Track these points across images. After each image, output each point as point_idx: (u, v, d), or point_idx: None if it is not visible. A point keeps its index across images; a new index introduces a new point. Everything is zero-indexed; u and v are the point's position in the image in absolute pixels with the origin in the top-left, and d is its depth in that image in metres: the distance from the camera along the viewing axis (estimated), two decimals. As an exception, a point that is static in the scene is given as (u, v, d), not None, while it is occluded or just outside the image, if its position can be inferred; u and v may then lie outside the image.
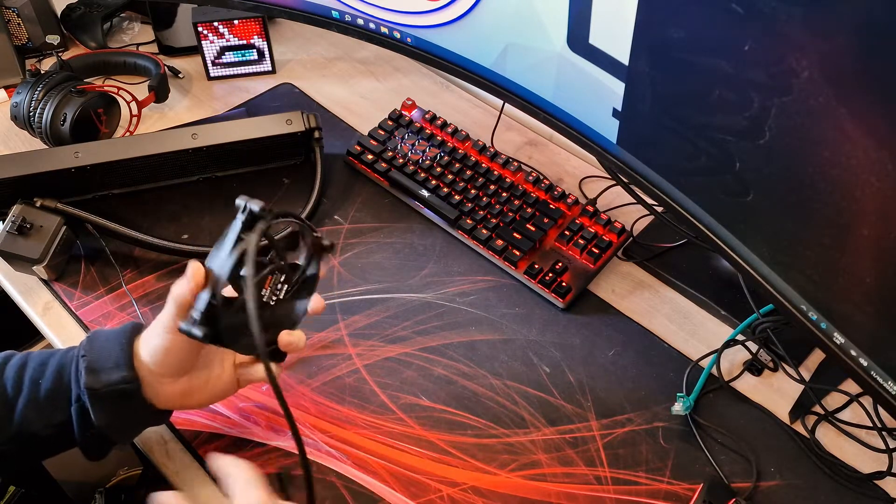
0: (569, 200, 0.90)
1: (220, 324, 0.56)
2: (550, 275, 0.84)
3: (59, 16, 1.13)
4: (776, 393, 0.77)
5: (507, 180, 0.92)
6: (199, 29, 1.04)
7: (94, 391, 0.59)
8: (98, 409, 0.59)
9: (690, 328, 0.82)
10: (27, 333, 1.35)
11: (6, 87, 1.06)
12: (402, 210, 0.92)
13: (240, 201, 0.56)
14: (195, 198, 0.92)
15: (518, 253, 0.85)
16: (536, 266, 0.84)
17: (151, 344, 0.60)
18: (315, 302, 0.63)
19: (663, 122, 0.69)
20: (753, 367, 0.78)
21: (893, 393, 0.61)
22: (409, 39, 0.91)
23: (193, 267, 0.57)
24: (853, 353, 0.62)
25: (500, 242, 0.86)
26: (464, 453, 0.71)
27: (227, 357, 0.65)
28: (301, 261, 0.62)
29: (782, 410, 0.75)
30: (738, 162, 0.62)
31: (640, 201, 0.86)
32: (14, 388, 0.61)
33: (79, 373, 0.60)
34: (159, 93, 1.02)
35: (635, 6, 0.63)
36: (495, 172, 0.92)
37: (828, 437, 0.73)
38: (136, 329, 0.63)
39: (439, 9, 0.84)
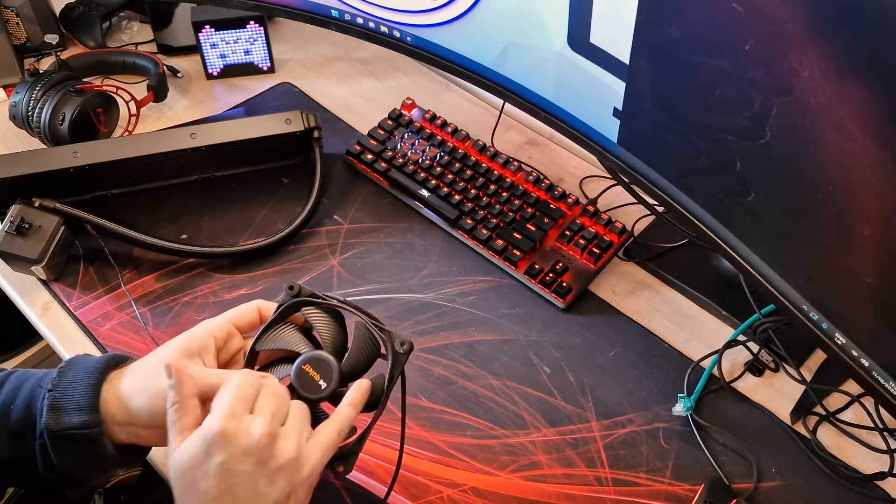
0: (569, 200, 0.90)
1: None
2: (551, 275, 0.83)
3: (57, 15, 1.12)
4: (777, 393, 0.77)
5: (508, 180, 0.91)
6: (198, 28, 1.04)
7: (52, 433, 0.54)
8: (57, 451, 0.55)
9: (691, 328, 0.82)
10: (26, 334, 1.35)
11: (5, 87, 1.05)
12: (401, 210, 0.92)
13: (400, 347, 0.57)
14: (194, 197, 0.92)
15: (518, 253, 0.85)
16: (537, 266, 0.84)
17: (148, 401, 0.55)
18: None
19: (664, 122, 0.68)
20: (754, 367, 0.78)
21: (895, 393, 0.60)
22: (408, 38, 0.91)
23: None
24: (854, 353, 0.62)
25: (500, 242, 0.86)
26: (464, 454, 0.71)
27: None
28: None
29: (783, 411, 0.75)
30: (738, 162, 0.62)
31: (640, 201, 0.86)
32: None
33: (43, 408, 0.55)
34: (158, 92, 1.02)
35: (636, 5, 0.63)
36: (495, 172, 0.92)
37: (829, 437, 0.73)
38: (115, 363, 0.58)
39: (439, 8, 0.84)
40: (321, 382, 0.56)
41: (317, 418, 0.56)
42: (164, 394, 0.53)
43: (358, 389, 0.56)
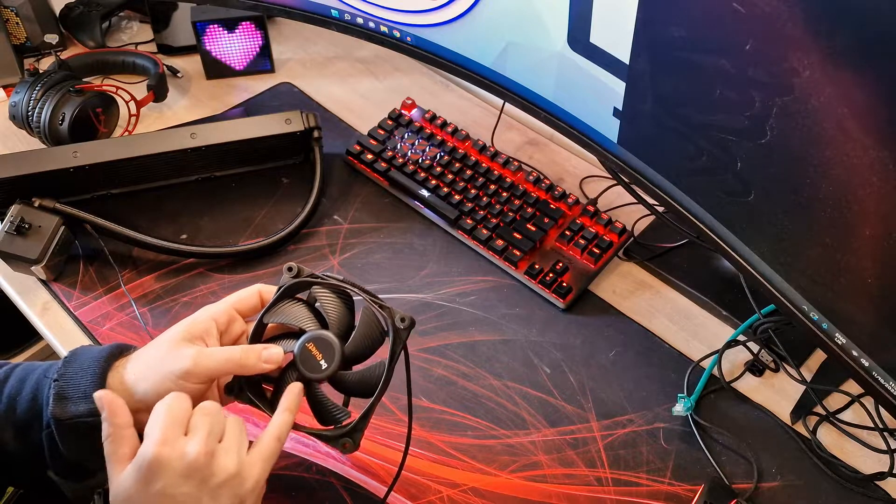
0: (569, 200, 0.90)
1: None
2: (551, 275, 0.83)
3: (57, 15, 1.12)
4: (777, 393, 0.76)
5: (508, 180, 0.91)
6: (198, 28, 1.04)
7: (59, 421, 0.55)
8: (64, 439, 0.55)
9: (691, 328, 0.82)
10: (26, 334, 1.35)
11: (4, 87, 1.05)
12: (401, 210, 0.92)
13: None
14: (194, 197, 0.92)
15: (518, 253, 0.85)
16: (537, 266, 0.84)
17: (153, 387, 0.55)
18: None
19: (664, 122, 0.68)
20: (755, 367, 0.78)
21: (895, 393, 0.60)
22: (408, 38, 0.91)
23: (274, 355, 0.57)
24: (855, 353, 0.62)
25: (500, 242, 0.86)
26: (464, 454, 0.71)
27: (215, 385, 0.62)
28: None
29: (783, 411, 0.75)
30: (739, 161, 0.62)
31: (640, 201, 0.86)
32: None
33: (49, 397, 0.56)
34: (158, 92, 1.02)
35: (636, 5, 0.63)
36: (495, 172, 0.92)
37: (829, 437, 0.73)
38: (118, 352, 0.58)
39: (439, 7, 0.84)
40: (322, 363, 0.56)
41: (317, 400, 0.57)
42: (170, 379, 0.54)
43: (290, 393, 0.56)
